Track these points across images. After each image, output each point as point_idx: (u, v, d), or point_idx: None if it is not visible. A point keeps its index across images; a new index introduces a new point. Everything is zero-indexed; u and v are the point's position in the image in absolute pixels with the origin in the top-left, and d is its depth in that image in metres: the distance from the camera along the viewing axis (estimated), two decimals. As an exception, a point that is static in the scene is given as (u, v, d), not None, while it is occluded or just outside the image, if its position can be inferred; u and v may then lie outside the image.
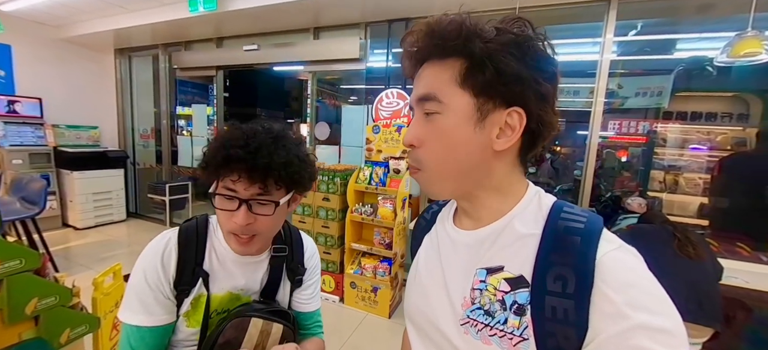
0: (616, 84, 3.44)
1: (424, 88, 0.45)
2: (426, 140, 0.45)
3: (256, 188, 0.63)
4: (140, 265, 0.68)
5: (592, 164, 2.40)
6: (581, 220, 0.42)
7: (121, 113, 4.57)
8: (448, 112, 0.44)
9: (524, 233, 0.44)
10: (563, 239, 0.40)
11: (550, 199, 0.47)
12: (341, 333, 2.20)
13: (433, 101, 0.44)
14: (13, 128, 3.53)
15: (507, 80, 0.41)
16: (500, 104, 0.43)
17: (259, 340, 0.66)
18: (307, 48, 3.17)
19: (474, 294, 0.45)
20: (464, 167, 0.45)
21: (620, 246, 0.39)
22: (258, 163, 0.61)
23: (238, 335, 0.65)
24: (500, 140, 0.44)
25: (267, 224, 0.68)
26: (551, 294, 0.38)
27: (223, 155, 0.62)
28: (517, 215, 0.46)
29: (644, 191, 3.36)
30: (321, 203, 2.57)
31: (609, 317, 0.35)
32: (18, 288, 1.26)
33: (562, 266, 0.39)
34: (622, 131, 3.90)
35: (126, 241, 3.78)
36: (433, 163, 0.46)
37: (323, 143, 3.37)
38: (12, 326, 1.28)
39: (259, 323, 0.67)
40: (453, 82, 0.43)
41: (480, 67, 0.41)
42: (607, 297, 0.36)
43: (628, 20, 2.61)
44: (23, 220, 2.57)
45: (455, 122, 0.43)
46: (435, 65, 0.45)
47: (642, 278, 0.37)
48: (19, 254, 1.25)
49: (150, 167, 4.60)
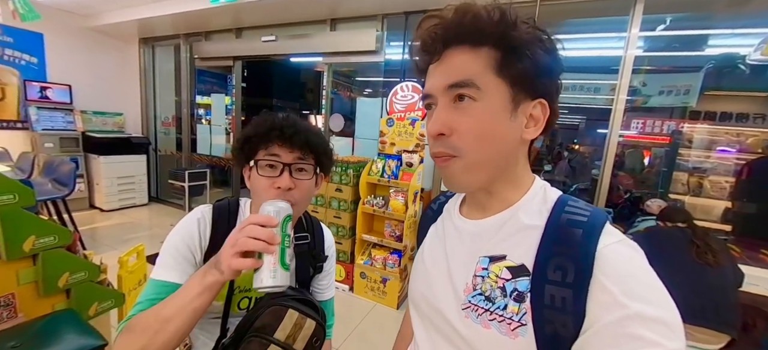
0: (640, 81, 3.32)
1: (457, 74, 0.43)
2: (459, 128, 0.44)
3: (297, 153, 0.72)
4: (177, 230, 0.73)
5: (611, 164, 2.34)
6: (585, 214, 0.43)
7: (144, 100, 4.73)
8: (486, 99, 0.43)
9: (528, 225, 0.45)
10: (565, 232, 0.41)
11: (555, 193, 0.48)
12: (350, 320, 2.25)
13: (470, 87, 0.43)
14: (45, 113, 3.71)
15: (540, 72, 0.43)
16: (529, 94, 0.44)
17: (292, 332, 0.69)
18: (323, 39, 3.19)
19: (476, 281, 0.46)
20: (501, 155, 0.46)
21: (621, 240, 0.40)
22: (298, 131, 0.71)
23: (273, 322, 0.69)
24: (529, 129, 0.45)
25: (304, 192, 0.74)
26: (551, 283, 0.39)
27: (267, 127, 0.71)
28: (523, 206, 0.47)
29: (666, 193, 3.25)
30: (333, 194, 2.61)
31: (606, 306, 0.36)
32: (51, 263, 1.35)
33: (563, 256, 0.40)
34: (645, 130, 3.77)
35: (148, 224, 3.94)
36: (472, 151, 0.44)
37: (337, 135, 3.41)
38: (46, 297, 1.37)
39: (294, 315, 0.70)
40: (490, 70, 0.42)
41: (519, 57, 0.42)
42: (604, 287, 0.36)
43: (656, 14, 2.50)
44: (54, 200, 2.72)
45: (493, 110, 0.43)
46: (467, 52, 0.43)
47: (640, 269, 0.38)
48: (52, 232, 1.34)
49: (170, 154, 4.76)
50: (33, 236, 1.28)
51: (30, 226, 1.28)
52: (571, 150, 6.71)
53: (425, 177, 2.70)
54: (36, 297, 1.35)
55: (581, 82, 3.68)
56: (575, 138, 8.03)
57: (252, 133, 0.73)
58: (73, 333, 1.18)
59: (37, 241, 1.30)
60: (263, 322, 0.69)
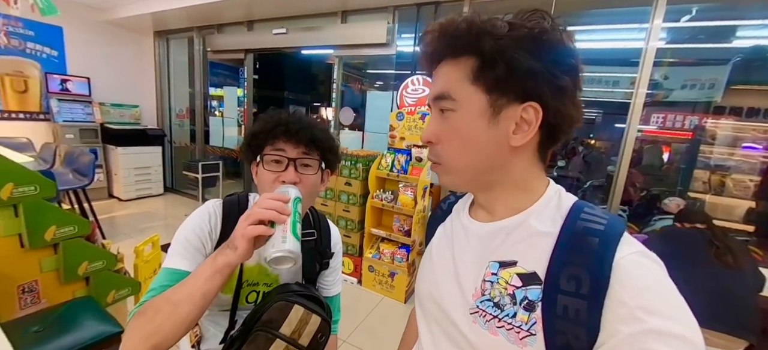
0: (661, 74, 3.19)
1: (439, 87, 0.46)
2: (443, 137, 0.47)
3: (302, 148, 0.74)
4: (189, 222, 0.75)
5: (628, 160, 2.27)
6: (601, 222, 0.41)
7: (159, 93, 4.82)
8: (462, 109, 0.45)
9: (541, 231, 0.44)
10: (581, 240, 0.40)
11: (570, 199, 0.47)
12: (358, 313, 2.28)
13: (447, 100, 0.46)
14: (66, 105, 3.83)
15: (519, 76, 0.41)
16: (514, 99, 0.43)
17: (297, 327, 0.71)
18: (334, 32, 3.17)
19: (485, 286, 0.45)
20: (479, 162, 0.46)
21: (640, 251, 0.39)
22: (303, 127, 0.74)
23: (279, 317, 0.70)
24: (517, 135, 0.44)
25: (310, 186, 0.75)
26: (564, 293, 0.38)
27: (273, 123, 0.74)
28: (535, 212, 0.46)
29: (685, 192, 3.14)
30: (343, 188, 2.62)
31: (622, 320, 0.34)
32: (71, 252, 1.40)
33: (577, 266, 0.38)
34: (665, 125, 3.63)
35: (163, 214, 4.05)
36: (450, 159, 0.47)
37: (347, 129, 3.41)
38: (67, 284, 1.43)
39: (300, 311, 0.71)
40: (466, 80, 0.44)
41: (491, 65, 0.42)
42: (622, 300, 0.35)
43: (681, 4, 2.38)
44: (75, 190, 2.82)
45: (469, 119, 0.44)
46: (449, 64, 0.46)
47: (659, 283, 0.36)
48: (72, 222, 1.39)
49: (185, 146, 4.86)
50: (54, 226, 1.33)
51: (51, 216, 1.33)
52: (587, 145, 6.53)
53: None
54: (57, 284, 1.41)
55: (599, 75, 3.57)
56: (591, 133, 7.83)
57: (258, 129, 0.75)
58: (92, 320, 1.23)
59: (58, 231, 1.35)
60: (270, 316, 0.70)
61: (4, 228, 1.23)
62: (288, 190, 0.63)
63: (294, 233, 0.57)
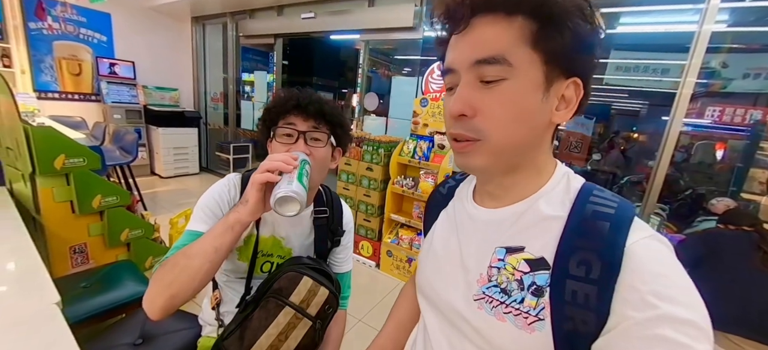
0: (718, 62, 2.88)
1: (486, 49, 0.38)
2: (485, 109, 0.39)
3: (311, 122, 0.76)
4: (209, 192, 0.82)
5: (668, 155, 2.11)
6: (611, 205, 0.39)
7: (195, 77, 5.07)
8: (518, 78, 0.38)
9: (549, 215, 0.42)
10: (590, 224, 0.38)
11: (579, 181, 0.45)
12: (375, 295, 2.32)
13: (500, 65, 0.38)
14: (114, 87, 4.14)
15: (579, 47, 0.38)
16: (563, 73, 0.39)
17: (306, 297, 0.75)
18: (361, 16, 3.15)
19: (491, 272, 0.44)
20: (528, 140, 0.42)
21: (651, 235, 0.37)
22: (312, 101, 0.76)
23: (289, 286, 0.75)
24: (559, 112, 0.41)
25: (320, 159, 0.77)
26: (573, 278, 0.37)
27: (283, 101, 0.77)
28: (544, 195, 0.44)
29: (738, 192, 2.86)
30: (364, 172, 2.64)
31: (633, 305, 0.33)
32: (114, 219, 1.54)
33: (587, 251, 0.37)
34: (722, 119, 3.30)
35: (197, 191, 4.31)
36: (499, 134, 0.40)
37: (372, 114, 3.42)
38: (111, 249, 1.58)
39: (308, 282, 0.75)
40: (524, 43, 0.37)
41: (557, 29, 0.37)
42: (633, 285, 0.34)
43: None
44: (120, 166, 3.07)
45: (525, 90, 0.38)
46: (498, 21, 0.38)
47: (670, 268, 0.35)
48: (115, 192, 1.52)
49: (218, 128, 5.11)
50: (99, 195, 1.47)
51: (97, 186, 1.46)
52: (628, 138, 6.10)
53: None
54: (103, 247, 1.55)
55: (645, 63, 3.29)
56: (634, 126, 7.29)
57: (271, 105, 0.79)
58: (132, 281, 1.35)
59: (103, 200, 1.48)
60: (280, 285, 0.75)
61: (58, 194, 1.37)
62: (296, 153, 0.67)
63: (300, 179, 0.61)
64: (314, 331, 0.75)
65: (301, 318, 0.74)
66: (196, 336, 0.96)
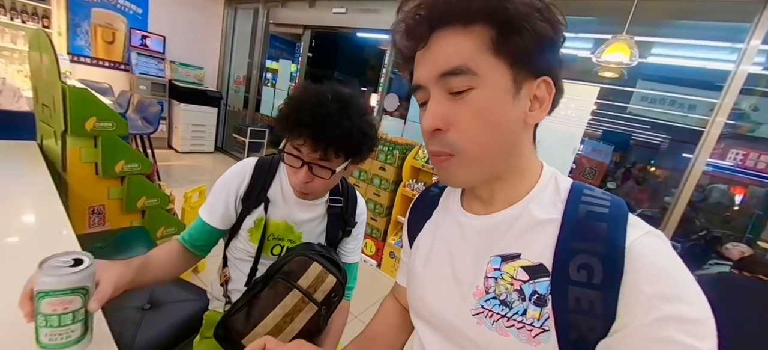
0: (750, 105, 2.80)
1: (449, 61, 0.38)
2: (457, 121, 0.39)
3: (318, 154, 0.71)
4: (222, 180, 0.85)
5: (689, 193, 2.06)
6: (604, 204, 0.39)
7: (222, 58, 5.17)
8: (485, 85, 0.38)
9: (543, 219, 0.41)
10: (586, 226, 0.38)
11: (567, 181, 0.44)
12: (374, 293, 2.33)
13: (465, 75, 0.38)
14: (143, 59, 4.26)
15: (543, 46, 0.38)
16: (530, 73, 0.39)
17: (313, 282, 0.76)
18: (391, 17, 3.08)
19: (488, 283, 0.42)
20: (503, 147, 0.41)
21: (648, 231, 0.37)
22: (321, 134, 0.68)
23: (298, 270, 0.76)
24: (533, 112, 0.41)
25: (322, 185, 0.78)
26: (575, 284, 0.36)
27: (293, 120, 0.69)
28: (534, 198, 0.43)
29: (755, 240, 2.78)
30: (377, 171, 2.66)
31: (638, 307, 0.33)
32: (134, 186, 1.58)
33: (587, 254, 0.36)
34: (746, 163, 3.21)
35: (211, 169, 4.40)
36: (473, 145, 0.40)
37: (390, 115, 3.43)
38: (127, 214, 1.63)
39: (318, 268, 0.76)
40: (486, 51, 0.37)
41: (516, 32, 0.36)
42: (637, 286, 0.34)
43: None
44: (141, 135, 3.16)
45: (494, 96, 0.38)
46: (456, 33, 0.38)
47: (673, 265, 0.35)
48: (138, 160, 1.56)
49: (238, 110, 5.19)
50: (123, 160, 1.51)
51: (122, 152, 1.51)
52: (645, 171, 5.97)
53: (471, 171, 2.62)
54: (120, 212, 1.60)
55: (672, 96, 3.22)
56: (652, 159, 7.13)
57: (283, 117, 0.72)
58: (144, 248, 1.38)
59: (126, 166, 1.53)
60: (290, 268, 0.76)
61: (85, 155, 1.42)
62: (43, 281, 0.45)
63: (38, 341, 0.45)
64: (319, 317, 0.76)
65: (307, 302, 0.75)
66: (203, 308, 0.99)
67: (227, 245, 0.92)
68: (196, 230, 0.84)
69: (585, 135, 4.16)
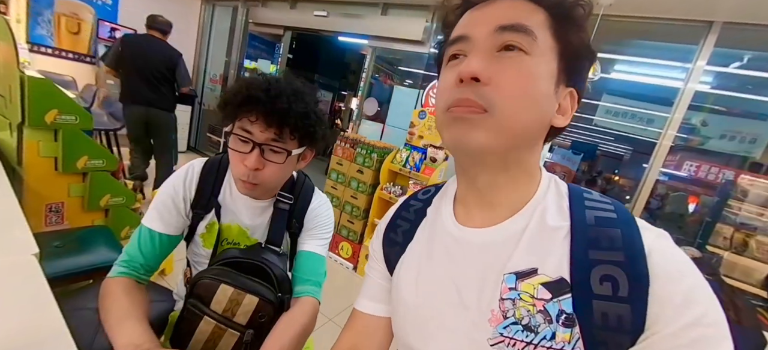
0: (700, 120, 3.06)
1: (512, 17, 0.36)
2: (498, 78, 0.35)
3: (272, 132, 0.64)
4: (168, 182, 0.78)
5: (644, 200, 2.22)
6: (609, 208, 0.38)
7: (197, 55, 5.01)
8: (538, 56, 0.36)
9: (553, 226, 0.38)
10: (600, 233, 0.35)
11: (563, 184, 0.43)
12: (350, 296, 2.33)
13: (525, 35, 0.35)
14: (112, 52, 4.06)
15: (584, 53, 0.38)
16: (568, 76, 0.38)
17: (228, 306, 0.67)
18: (373, 22, 3.22)
19: (504, 306, 0.37)
20: (533, 129, 0.38)
21: (659, 233, 0.36)
22: (276, 107, 0.62)
23: (205, 295, 0.67)
24: (558, 116, 0.40)
25: (274, 173, 0.69)
26: (600, 298, 0.33)
27: (243, 96, 0.63)
28: (540, 202, 0.40)
29: (704, 245, 3.01)
30: (355, 174, 2.67)
31: (665, 315, 0.32)
32: (98, 183, 1.51)
33: (608, 265, 0.34)
34: (698, 174, 3.48)
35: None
36: (510, 108, 0.35)
37: (369, 119, 3.46)
38: (89, 212, 1.55)
39: (228, 290, 0.66)
40: (547, 28, 0.37)
41: (574, 29, 0.37)
42: (666, 294, 0.32)
43: (733, 49, 2.28)
44: (107, 131, 3.01)
45: (542, 72, 0.36)
46: (523, 3, 0.38)
47: (690, 269, 0.34)
48: (103, 156, 1.50)
49: (213, 110, 5.04)
50: (86, 156, 1.44)
51: (85, 147, 1.44)
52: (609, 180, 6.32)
53: (447, 175, 2.69)
54: (81, 210, 1.52)
55: (633, 110, 3.45)
56: (617, 168, 7.59)
57: (230, 97, 0.65)
58: (106, 248, 1.32)
59: (89, 161, 1.46)
60: (198, 292, 0.69)
61: (43, 149, 1.34)
62: None
63: None
64: (242, 343, 0.68)
65: (224, 329, 0.67)
66: (168, 309, 0.96)
67: (187, 248, 0.88)
68: (144, 245, 0.74)
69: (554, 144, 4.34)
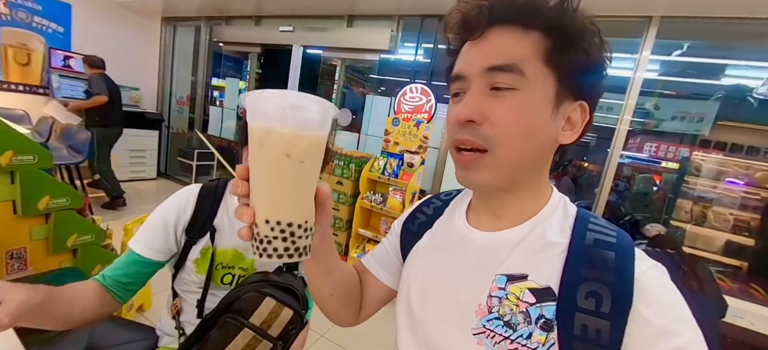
0: (652, 104, 3.30)
1: (500, 56, 0.38)
2: (492, 116, 0.38)
3: None
4: (162, 207, 0.80)
5: (609, 184, 2.36)
6: (611, 234, 0.40)
7: (161, 78, 4.85)
8: (530, 90, 0.38)
9: (552, 242, 0.41)
10: (595, 253, 0.38)
11: (573, 207, 0.45)
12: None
13: (513, 73, 0.37)
14: (67, 82, 3.84)
15: (591, 69, 0.39)
16: (572, 94, 0.39)
17: (267, 319, 0.72)
18: (339, 34, 3.24)
19: (491, 302, 0.41)
20: (534, 156, 0.41)
21: (654, 265, 0.38)
22: None
23: (249, 308, 0.71)
24: (565, 133, 0.41)
25: None
26: (582, 312, 0.36)
27: None
28: (544, 219, 0.43)
29: (669, 220, 3.23)
30: (334, 187, 2.66)
31: (646, 340, 0.34)
32: (62, 223, 1.43)
33: (596, 282, 0.36)
34: (657, 154, 3.74)
35: (154, 198, 4.06)
36: (506, 145, 0.39)
37: (345, 130, 3.46)
38: (55, 255, 1.46)
39: (271, 303, 0.72)
40: (538, 57, 0.38)
41: (573, 48, 0.37)
42: (645, 318, 0.34)
43: (672, 40, 2.49)
44: (68, 166, 2.84)
45: (535, 103, 0.38)
46: (514, 32, 0.38)
47: (677, 302, 0.36)
48: (66, 194, 1.42)
49: (182, 133, 4.88)
50: (47, 196, 1.36)
51: (46, 186, 1.36)
52: (579, 167, 6.65)
53: (425, 179, 2.74)
54: (46, 253, 1.43)
55: (594, 100, 3.67)
56: (585, 155, 8.00)
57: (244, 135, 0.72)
58: (77, 290, 1.25)
59: (51, 201, 1.38)
60: (239, 306, 0.72)
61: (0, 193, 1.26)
62: None
63: None
64: None
65: (260, 340, 0.71)
66: (151, 347, 0.92)
67: (174, 278, 0.87)
68: (126, 265, 0.77)
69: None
